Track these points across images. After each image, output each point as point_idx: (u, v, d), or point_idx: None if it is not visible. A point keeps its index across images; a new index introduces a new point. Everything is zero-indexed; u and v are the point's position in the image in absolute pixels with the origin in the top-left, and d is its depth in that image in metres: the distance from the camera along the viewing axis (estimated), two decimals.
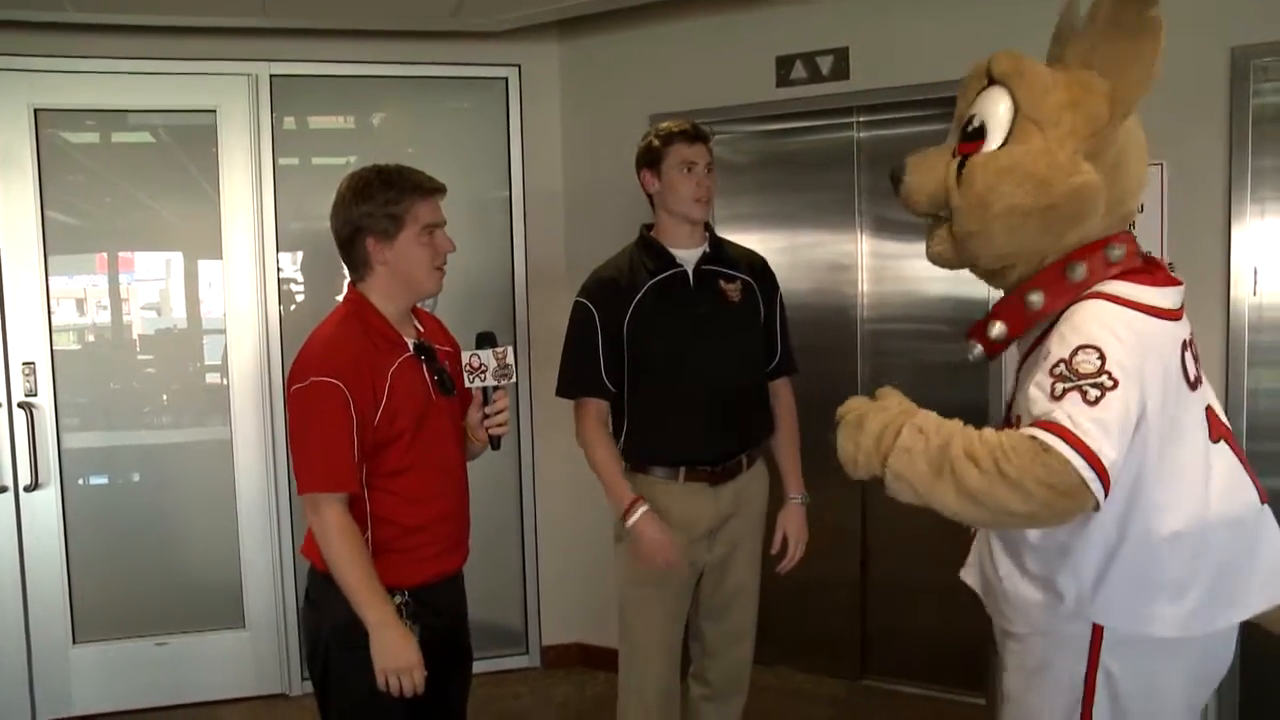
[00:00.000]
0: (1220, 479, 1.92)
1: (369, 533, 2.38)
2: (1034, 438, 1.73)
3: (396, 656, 2.29)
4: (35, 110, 4.04)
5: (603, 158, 4.34)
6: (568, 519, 4.54)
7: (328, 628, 2.40)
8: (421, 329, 2.57)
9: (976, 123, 2.01)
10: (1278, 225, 3.29)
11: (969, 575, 2.27)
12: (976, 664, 3.85)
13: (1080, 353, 1.79)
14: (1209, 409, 1.98)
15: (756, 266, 3.14)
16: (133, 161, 4.39)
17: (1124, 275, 1.92)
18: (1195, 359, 1.97)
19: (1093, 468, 1.70)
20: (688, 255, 3.00)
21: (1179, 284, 1.98)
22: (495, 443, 2.58)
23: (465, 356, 2.46)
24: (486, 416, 2.52)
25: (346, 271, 2.53)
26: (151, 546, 4.30)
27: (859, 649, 4.36)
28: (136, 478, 4.42)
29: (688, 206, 2.96)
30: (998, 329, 2.02)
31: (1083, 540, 1.89)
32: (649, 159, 2.99)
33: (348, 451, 2.30)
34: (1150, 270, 1.96)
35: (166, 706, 4.24)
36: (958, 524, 2.03)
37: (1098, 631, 1.92)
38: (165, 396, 4.44)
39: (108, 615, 4.23)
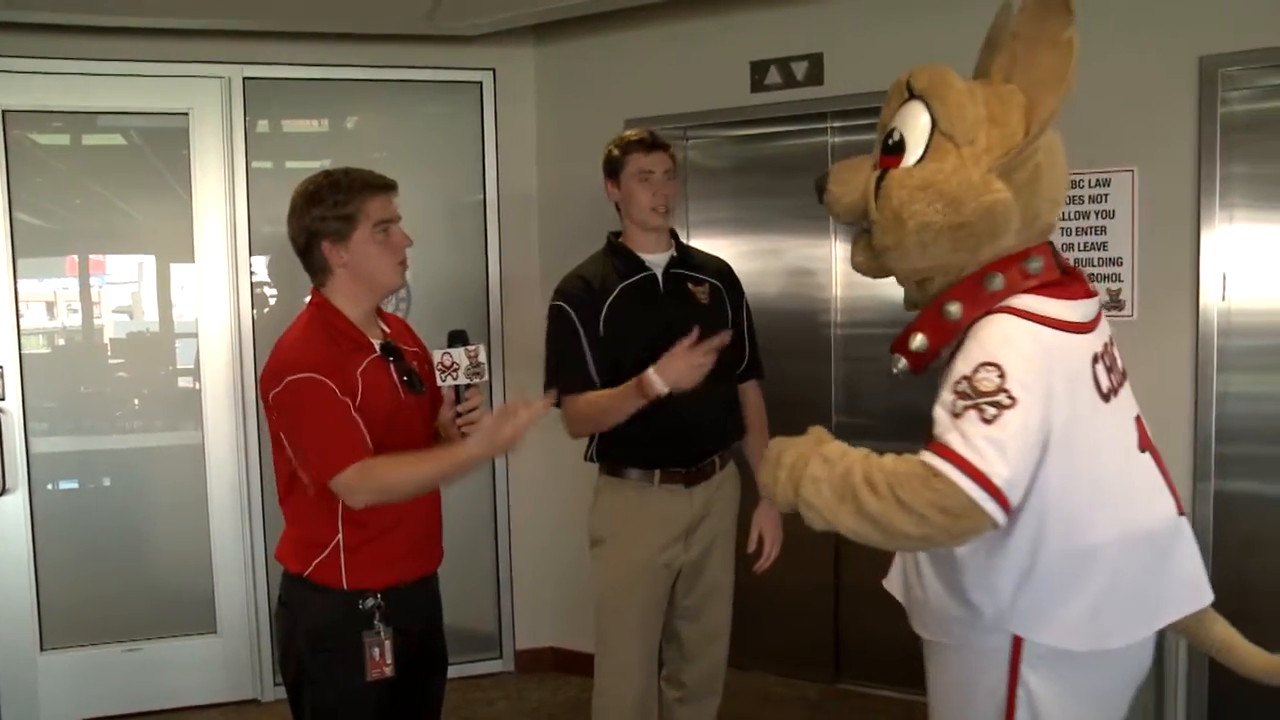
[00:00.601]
0: (1139, 492, 1.96)
1: (339, 534, 2.37)
2: (925, 463, 1.77)
3: (500, 443, 2.30)
4: (4, 112, 4.01)
5: (577, 162, 4.32)
6: (541, 522, 4.54)
7: (301, 630, 2.39)
8: (387, 330, 2.56)
9: (896, 137, 2.01)
10: (1246, 231, 3.33)
11: (892, 584, 2.30)
12: None
13: (982, 370, 1.80)
14: (1139, 419, 2.02)
15: (723, 272, 3.19)
16: (104, 164, 4.36)
17: (1038, 289, 1.93)
18: (1109, 370, 1.97)
19: (984, 489, 1.73)
20: (656, 259, 3.05)
21: (1093, 296, 2.01)
22: None
23: (437, 355, 2.44)
24: (459, 415, 2.50)
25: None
26: (122, 552, 4.27)
27: (833, 652, 4.37)
28: (107, 482, 4.39)
29: (645, 214, 3.00)
30: (918, 340, 2.01)
31: (1001, 555, 1.89)
32: (610, 168, 3.05)
33: (353, 425, 2.30)
34: (1065, 283, 1.97)
35: (137, 713, 4.20)
36: None
37: (1017, 644, 1.93)
38: (137, 400, 4.41)
39: (77, 621, 4.19)
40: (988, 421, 1.75)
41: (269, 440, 2.46)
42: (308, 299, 2.50)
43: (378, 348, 2.46)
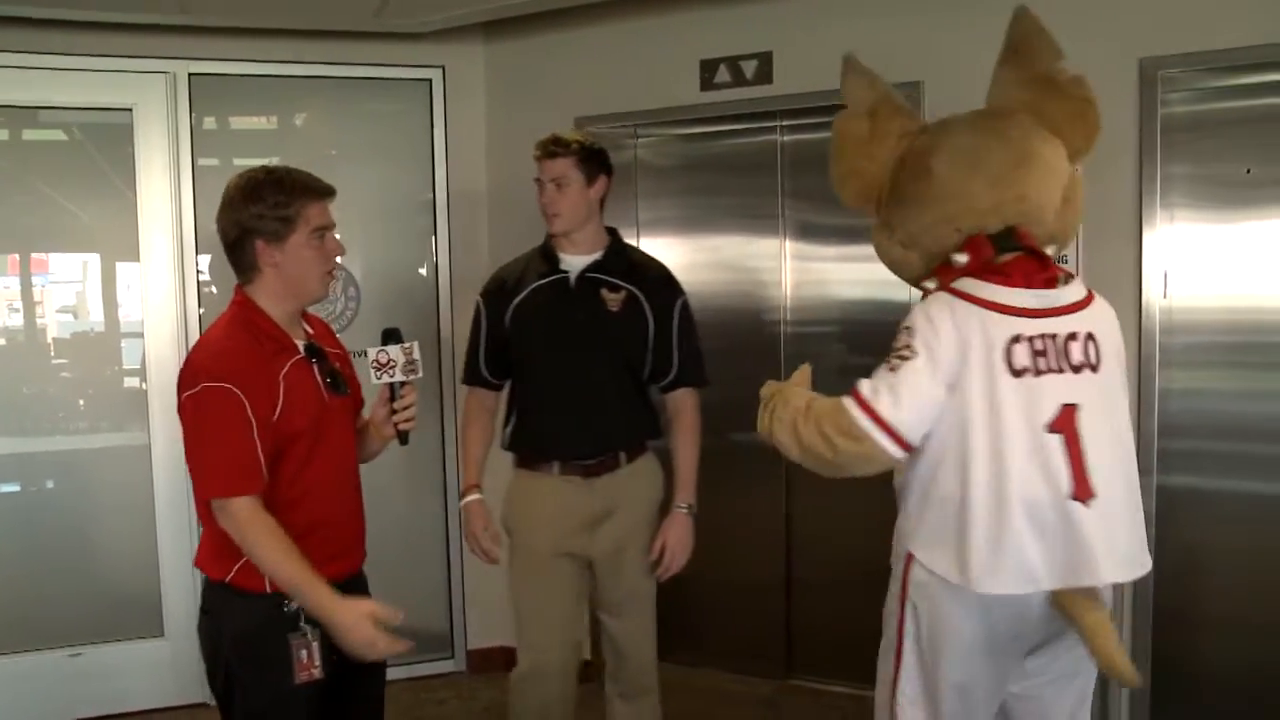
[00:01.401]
0: (1028, 464, 2.14)
1: None
2: (839, 401, 2.22)
3: (358, 636, 2.25)
4: None
5: (527, 160, 4.21)
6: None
7: (227, 639, 2.34)
8: (310, 331, 2.53)
9: None
10: (1187, 230, 3.39)
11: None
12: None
13: (901, 331, 2.23)
14: (1069, 406, 2.16)
15: (656, 278, 3.20)
16: (45, 160, 4.30)
17: (983, 274, 2.23)
18: (1039, 354, 2.17)
19: (875, 422, 2.16)
20: (576, 261, 3.10)
21: (1044, 288, 2.22)
22: (404, 438, 2.56)
23: (372, 353, 2.44)
24: (394, 412, 2.50)
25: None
26: (65, 555, 4.20)
27: (785, 649, 4.40)
28: (50, 485, 4.32)
29: (544, 220, 3.11)
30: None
31: (912, 480, 2.28)
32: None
33: (250, 452, 2.26)
34: (1010, 269, 2.23)
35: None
36: (880, 523, 2.54)
37: (909, 560, 2.28)
38: (81, 401, 4.36)
39: (18, 627, 4.11)
40: (891, 370, 2.19)
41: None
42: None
43: (301, 349, 2.43)
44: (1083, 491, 2.15)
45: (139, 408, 4.23)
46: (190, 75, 4.15)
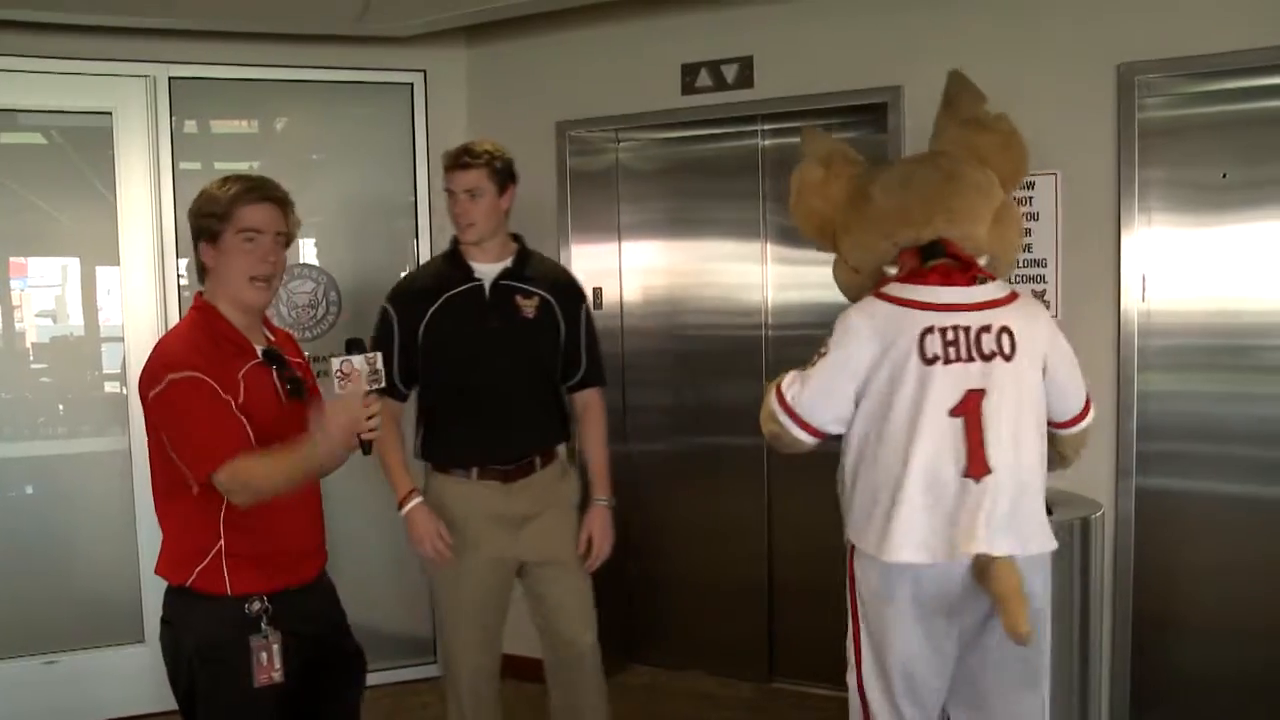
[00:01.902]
0: (931, 444, 2.37)
1: (221, 540, 2.33)
2: (772, 382, 2.56)
3: (342, 419, 2.26)
4: None
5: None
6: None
7: (190, 645, 2.33)
8: (272, 338, 2.54)
9: None
10: (1164, 234, 3.42)
11: None
12: None
13: (832, 328, 2.52)
14: (974, 391, 2.39)
15: (561, 284, 3.27)
16: (24, 163, 4.27)
17: (907, 278, 2.51)
18: (950, 344, 2.40)
19: (784, 409, 2.49)
20: (488, 269, 3.14)
21: (958, 285, 2.47)
22: (366, 447, 2.51)
23: (336, 363, 2.40)
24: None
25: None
26: (43, 561, 4.17)
27: (767, 651, 4.41)
28: (29, 490, 4.30)
29: (457, 230, 3.14)
30: None
31: (844, 477, 2.56)
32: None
33: (234, 422, 2.28)
34: (925, 274, 2.50)
35: None
36: None
37: (851, 547, 2.54)
38: (61, 406, 4.33)
39: None
40: (810, 364, 2.51)
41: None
42: None
43: (260, 353, 2.44)
44: (976, 469, 2.37)
45: (119, 412, 4.21)
46: (170, 79, 4.13)
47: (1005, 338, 2.43)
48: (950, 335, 2.41)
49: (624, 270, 4.50)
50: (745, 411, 4.28)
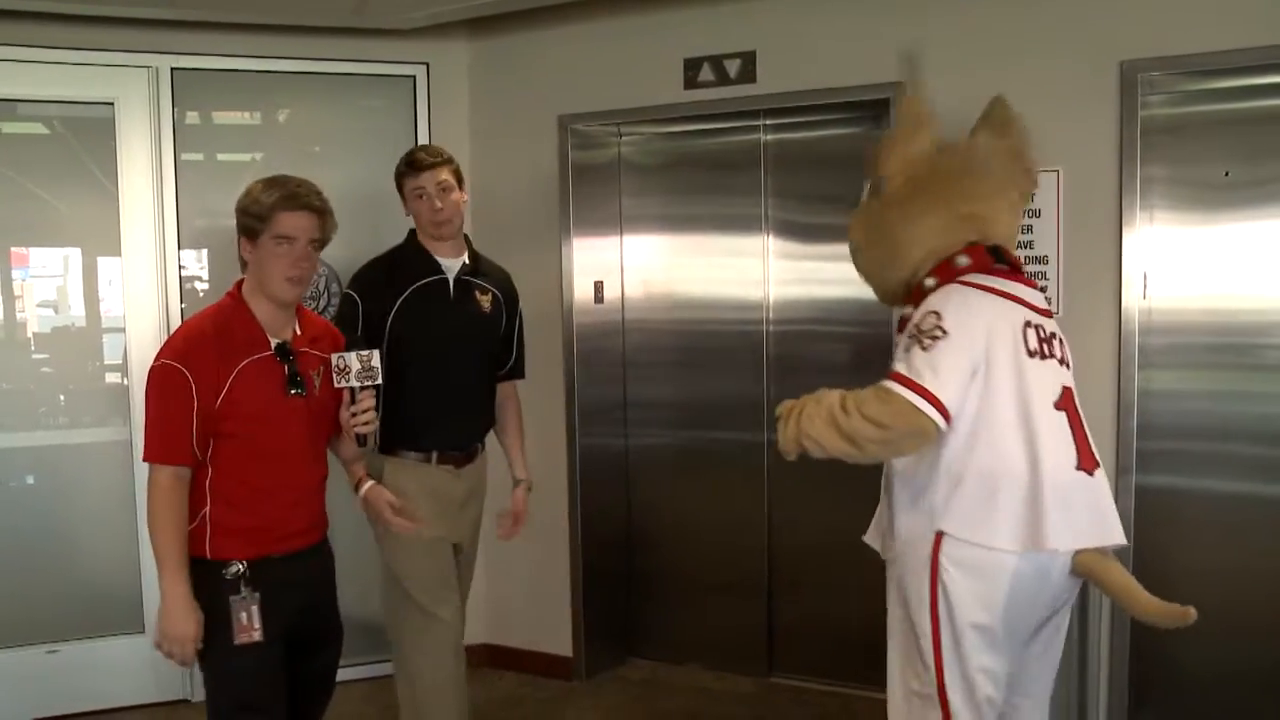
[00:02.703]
0: (1047, 436, 2.38)
1: (208, 505, 2.51)
2: (880, 385, 2.39)
3: (176, 626, 2.44)
4: None
5: (510, 157, 4.33)
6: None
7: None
8: (299, 332, 2.67)
9: None
10: (1165, 232, 3.42)
11: (871, 537, 2.76)
12: (884, 659, 3.92)
13: (926, 317, 2.42)
14: (1067, 389, 2.48)
15: (504, 282, 3.45)
16: (25, 153, 4.27)
17: (987, 271, 2.52)
18: (1043, 340, 2.46)
19: (922, 396, 2.33)
20: (451, 264, 3.27)
21: (1031, 286, 2.57)
22: (361, 440, 2.73)
23: (332, 359, 2.61)
24: (353, 415, 2.66)
25: None
26: (45, 550, 4.18)
27: (766, 646, 4.41)
28: (30, 480, 4.30)
29: (427, 228, 3.24)
30: (908, 310, 2.61)
31: (935, 469, 2.42)
32: (397, 185, 3.32)
33: (182, 428, 2.44)
34: (1005, 272, 2.55)
35: (60, 716, 4.10)
36: (862, 521, 2.77)
37: (937, 542, 2.40)
38: (62, 396, 4.33)
39: None
40: (924, 349, 2.36)
41: None
42: None
43: (273, 346, 2.57)
44: (1088, 463, 2.45)
45: (120, 403, 4.22)
46: (173, 70, 4.13)
47: (1062, 346, 2.55)
48: (1041, 333, 2.48)
49: (625, 265, 4.49)
50: (746, 407, 4.36)
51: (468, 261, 3.31)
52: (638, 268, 4.50)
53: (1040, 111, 3.32)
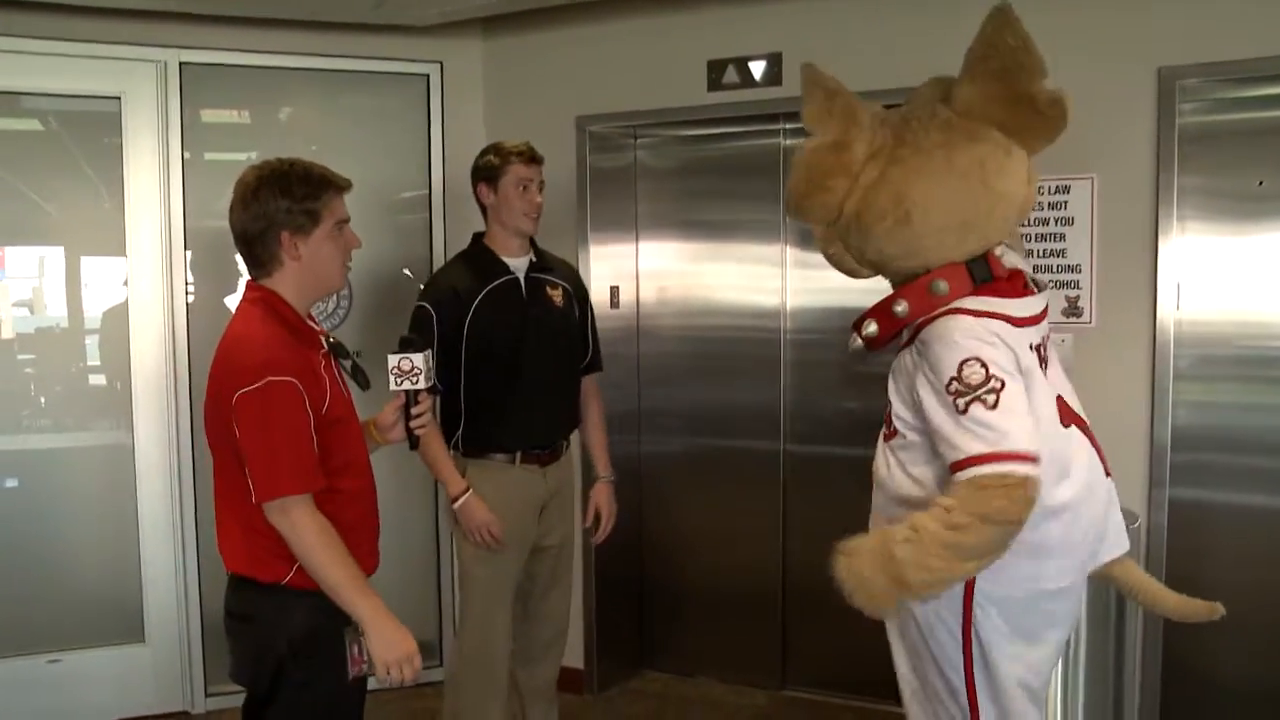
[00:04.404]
0: (1077, 454, 2.24)
1: None
2: (974, 477, 2.02)
3: (397, 646, 2.28)
4: None
5: None
6: None
7: (284, 640, 2.30)
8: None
9: None
10: (1197, 242, 3.37)
11: None
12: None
13: (966, 367, 2.08)
14: (1059, 398, 2.27)
15: (574, 276, 3.53)
16: (22, 150, 4.16)
17: (982, 290, 2.21)
18: (1043, 361, 2.27)
19: (1022, 460, 2.02)
20: (518, 263, 3.32)
21: (1033, 294, 2.29)
22: (413, 441, 2.61)
23: (394, 360, 2.48)
24: (412, 418, 2.54)
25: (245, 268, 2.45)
26: (43, 558, 4.06)
27: (780, 659, 4.34)
28: (27, 485, 4.17)
29: (520, 220, 3.27)
30: (871, 328, 2.34)
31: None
32: (487, 174, 3.30)
33: (311, 449, 2.27)
34: (1008, 281, 2.26)
35: None
36: None
37: (969, 587, 2.19)
38: (45, 400, 4.22)
39: None
40: (992, 407, 2.05)
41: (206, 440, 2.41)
42: (242, 293, 2.44)
43: (325, 344, 2.45)
44: (1107, 468, 2.34)
45: (119, 406, 4.11)
46: (182, 64, 4.03)
47: (1047, 340, 2.36)
48: (1042, 351, 2.30)
49: (640, 271, 4.42)
50: (762, 411, 4.29)
51: (534, 259, 3.34)
52: (654, 273, 4.43)
53: (1076, 116, 3.26)
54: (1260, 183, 3.34)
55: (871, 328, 2.33)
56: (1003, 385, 2.05)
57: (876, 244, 2.30)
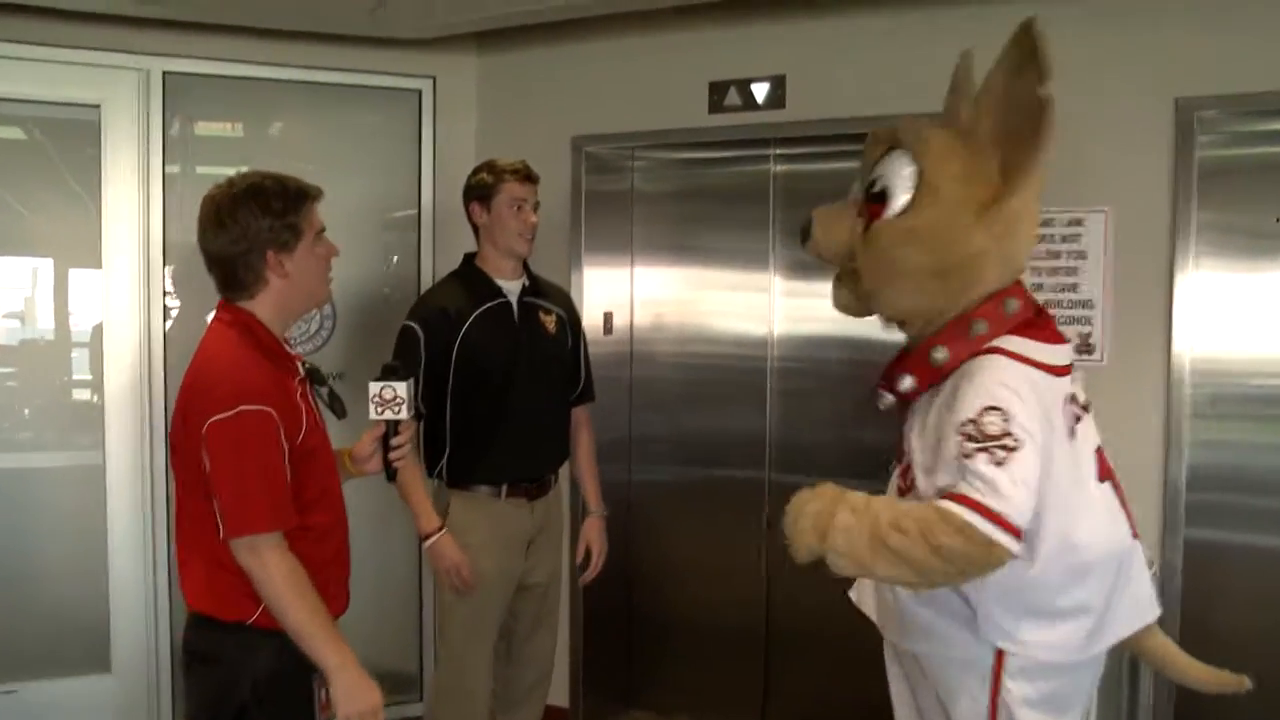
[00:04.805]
0: (1106, 515, 2.15)
1: None
2: (946, 509, 1.93)
3: (362, 699, 2.17)
4: None
5: None
6: None
7: (247, 684, 2.17)
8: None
9: (879, 186, 2.18)
10: (1210, 278, 3.27)
11: (860, 594, 2.47)
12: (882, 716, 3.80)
13: (987, 414, 1.98)
14: (1098, 450, 2.19)
15: (568, 299, 3.44)
16: (6, 159, 4.02)
17: (1021, 330, 2.12)
18: (1079, 409, 2.17)
19: (1003, 529, 1.91)
20: (511, 286, 3.21)
21: (1067, 343, 2.21)
22: (390, 474, 2.48)
23: (375, 388, 2.36)
24: (391, 449, 2.42)
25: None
26: (3, 580, 3.88)
27: (761, 699, 4.21)
28: None
29: (513, 241, 3.16)
30: (907, 383, 2.19)
31: (990, 581, 2.02)
32: (480, 193, 3.19)
33: (284, 483, 2.15)
34: (1042, 324, 2.17)
35: None
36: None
37: (999, 656, 2.11)
38: (25, 415, 4.08)
39: None
40: (999, 464, 1.93)
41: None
42: (215, 312, 2.32)
43: (302, 370, 2.33)
44: (1135, 529, 2.24)
45: (91, 424, 3.94)
46: (164, 73, 3.89)
47: (1084, 397, 2.26)
48: (1076, 401, 2.18)
49: (635, 297, 4.30)
50: (748, 440, 4.15)
51: (528, 283, 3.23)
52: (649, 299, 4.30)
53: (1090, 147, 3.19)
54: (1278, 219, 3.24)
55: (908, 382, 2.19)
56: (1017, 446, 1.94)
57: (906, 282, 2.21)
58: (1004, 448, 1.94)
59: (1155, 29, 3.22)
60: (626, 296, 4.27)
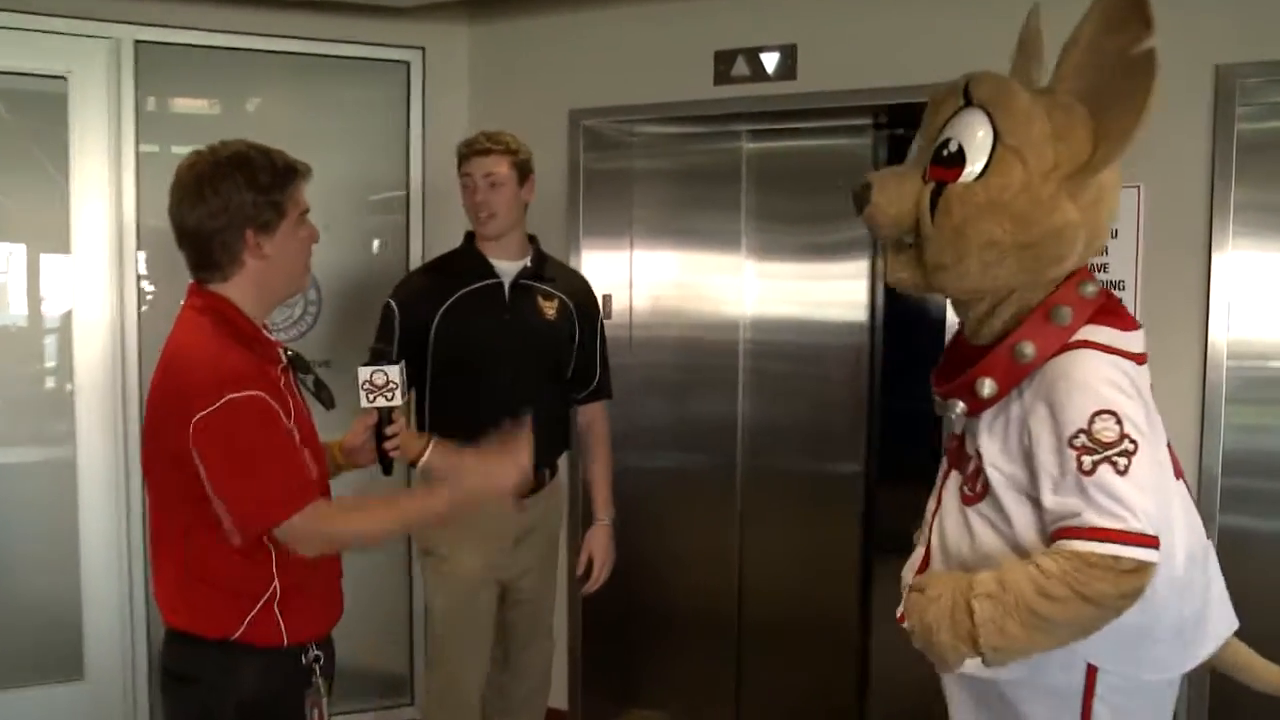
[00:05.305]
0: (1188, 517, 1.99)
1: (275, 582, 2.03)
2: (1086, 552, 1.74)
3: (500, 478, 2.19)
4: None
5: None
6: None
7: (231, 706, 2.02)
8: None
9: (954, 147, 1.94)
10: (1245, 257, 3.11)
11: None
12: (856, 713, 3.90)
13: (1098, 420, 1.79)
14: (1169, 446, 2.01)
15: (583, 289, 3.24)
16: None
17: (1098, 316, 1.93)
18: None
19: (1143, 545, 1.75)
20: (508, 267, 3.04)
21: (1140, 327, 2.01)
22: (390, 467, 2.39)
23: (365, 373, 2.26)
24: (386, 438, 2.31)
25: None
26: None
27: (734, 696, 4.12)
28: None
29: (471, 220, 3.03)
30: (989, 387, 1.95)
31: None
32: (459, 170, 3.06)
33: (296, 460, 2.01)
34: (1117, 311, 1.98)
35: None
36: (840, 568, 2.67)
37: (1091, 679, 1.94)
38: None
39: None
40: (1122, 473, 1.76)
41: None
42: (186, 298, 2.14)
43: (284, 357, 2.17)
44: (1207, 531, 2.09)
45: (62, 418, 3.73)
46: (137, 43, 3.66)
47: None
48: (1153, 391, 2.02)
49: (635, 278, 4.12)
50: (717, 424, 4.01)
51: (530, 264, 3.05)
52: (649, 281, 4.13)
53: None
54: None
55: (988, 387, 1.94)
56: (1135, 448, 1.77)
57: (982, 256, 1.98)
58: (1124, 453, 1.78)
59: None
60: (625, 279, 4.10)
